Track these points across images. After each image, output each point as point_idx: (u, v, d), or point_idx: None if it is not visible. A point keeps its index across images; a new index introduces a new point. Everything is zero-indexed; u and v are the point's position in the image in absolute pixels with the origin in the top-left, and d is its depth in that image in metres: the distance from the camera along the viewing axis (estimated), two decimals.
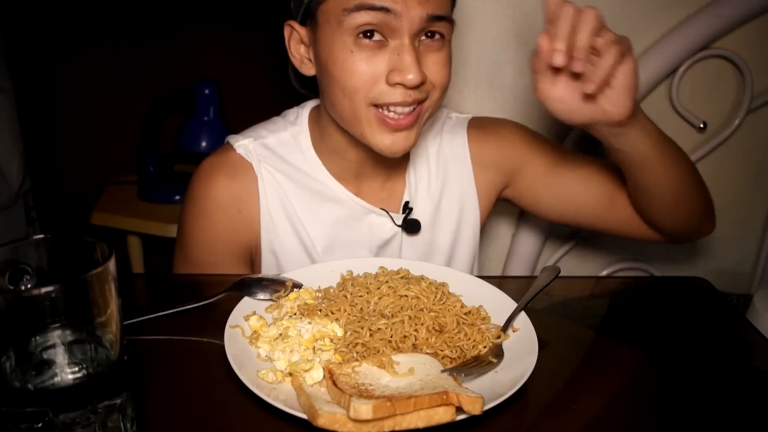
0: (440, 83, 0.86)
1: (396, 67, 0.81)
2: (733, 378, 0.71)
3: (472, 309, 0.76)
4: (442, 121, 1.06)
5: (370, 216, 0.99)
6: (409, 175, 1.02)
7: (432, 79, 0.85)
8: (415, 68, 0.81)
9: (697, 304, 0.89)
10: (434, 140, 1.04)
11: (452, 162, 1.04)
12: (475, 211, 1.05)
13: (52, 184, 2.37)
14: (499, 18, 1.22)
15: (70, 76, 2.29)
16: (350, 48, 0.82)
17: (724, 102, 1.30)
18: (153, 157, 2.02)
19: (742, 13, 1.20)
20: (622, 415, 0.64)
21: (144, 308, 0.78)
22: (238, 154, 0.96)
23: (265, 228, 0.97)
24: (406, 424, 0.57)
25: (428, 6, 0.80)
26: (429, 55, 0.84)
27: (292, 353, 0.67)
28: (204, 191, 0.96)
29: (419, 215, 1.01)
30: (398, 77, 0.81)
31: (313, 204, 0.97)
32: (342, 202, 0.98)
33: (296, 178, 0.97)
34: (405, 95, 0.83)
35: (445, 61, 0.86)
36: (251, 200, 0.96)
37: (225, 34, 2.23)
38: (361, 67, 0.82)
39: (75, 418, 0.49)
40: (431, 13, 0.81)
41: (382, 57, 0.82)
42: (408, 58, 0.81)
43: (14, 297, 0.49)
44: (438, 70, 0.85)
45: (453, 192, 1.04)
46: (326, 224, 0.98)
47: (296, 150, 0.98)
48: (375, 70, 0.82)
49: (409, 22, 0.80)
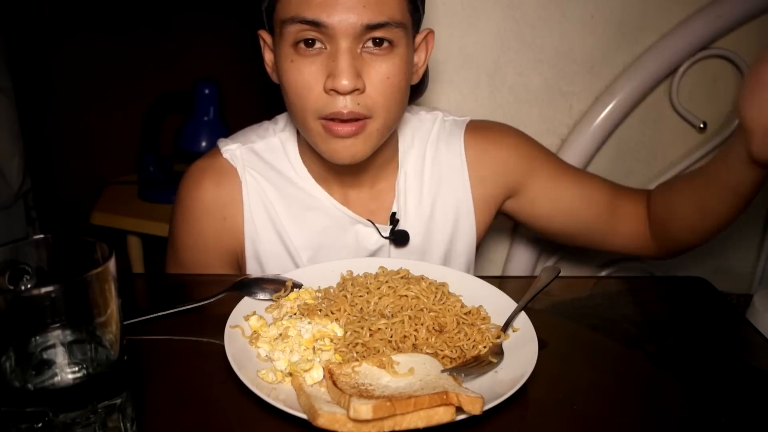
0: (381, 97, 0.81)
1: (331, 73, 0.79)
2: (733, 378, 0.71)
3: (472, 309, 0.76)
4: (436, 126, 1.01)
5: (356, 226, 0.96)
6: (398, 185, 0.98)
7: (371, 92, 0.80)
8: (348, 73, 0.77)
9: (697, 304, 0.89)
10: (427, 147, 1.00)
11: (447, 171, 1.00)
12: (470, 224, 1.01)
13: (52, 184, 2.37)
14: (499, 18, 1.22)
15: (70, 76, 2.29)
16: (290, 58, 0.81)
17: (724, 102, 1.30)
18: (153, 157, 2.02)
19: (742, 13, 1.20)
20: (622, 415, 0.64)
21: (144, 308, 0.78)
22: (225, 158, 0.95)
23: (249, 235, 0.95)
24: (406, 424, 0.57)
25: (364, 15, 0.77)
26: (372, 65, 0.80)
27: (292, 353, 0.67)
28: (191, 196, 0.96)
29: (409, 226, 0.97)
30: (331, 83, 0.78)
31: (298, 212, 0.96)
32: (328, 211, 0.95)
33: (281, 186, 0.96)
34: (343, 105, 0.79)
35: (390, 71, 0.81)
36: (235, 207, 0.95)
37: (225, 34, 2.22)
38: (300, 77, 0.81)
39: (75, 418, 0.49)
40: (368, 22, 0.77)
41: (320, 64, 0.80)
42: (342, 63, 0.78)
43: (14, 297, 0.49)
44: (380, 82, 0.81)
45: (447, 203, 0.99)
46: (311, 233, 0.96)
47: (283, 157, 0.96)
48: (313, 78, 0.80)
49: (344, 31, 0.77)
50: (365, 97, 0.81)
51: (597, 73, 1.27)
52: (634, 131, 1.31)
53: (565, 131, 1.30)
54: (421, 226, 0.98)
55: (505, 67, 1.26)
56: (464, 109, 1.28)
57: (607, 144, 1.30)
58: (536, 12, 1.22)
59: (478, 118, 1.06)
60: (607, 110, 1.24)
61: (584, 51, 1.25)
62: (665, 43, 1.21)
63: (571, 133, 1.28)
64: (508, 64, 1.26)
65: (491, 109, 1.29)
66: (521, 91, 1.28)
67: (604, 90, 1.27)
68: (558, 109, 1.29)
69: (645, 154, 1.34)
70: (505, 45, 1.24)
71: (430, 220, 0.99)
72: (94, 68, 2.27)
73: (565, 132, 1.30)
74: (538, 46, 1.24)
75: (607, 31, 1.24)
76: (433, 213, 0.99)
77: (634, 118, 1.30)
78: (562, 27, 1.23)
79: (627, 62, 1.26)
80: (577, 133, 1.27)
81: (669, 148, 1.34)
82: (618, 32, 1.24)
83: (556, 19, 1.22)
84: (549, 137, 1.30)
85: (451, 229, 1.00)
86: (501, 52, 1.25)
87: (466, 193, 1.00)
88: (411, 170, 0.99)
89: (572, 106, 1.29)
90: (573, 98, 1.28)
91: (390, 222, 0.97)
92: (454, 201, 1.00)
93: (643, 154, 1.34)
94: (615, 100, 1.24)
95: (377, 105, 0.82)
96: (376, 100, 0.81)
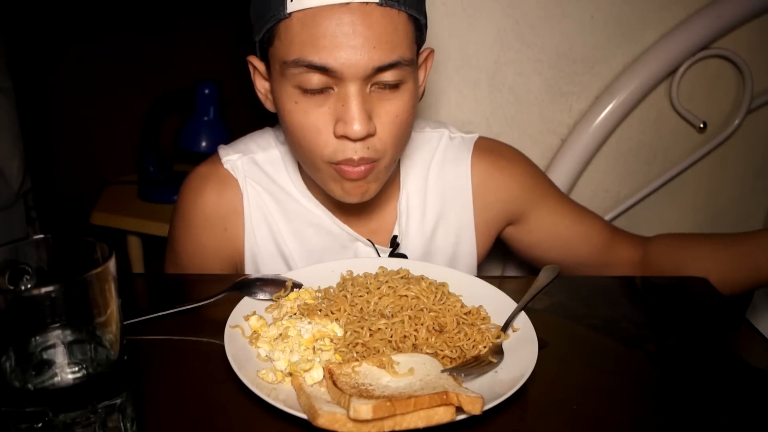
0: (393, 137, 0.79)
1: (341, 118, 0.75)
2: (733, 378, 0.71)
3: (472, 309, 0.76)
4: (443, 144, 0.98)
5: (356, 243, 0.94)
6: (400, 206, 0.96)
7: (381, 134, 0.78)
8: (360, 119, 0.74)
9: (697, 304, 0.89)
10: (431, 166, 0.97)
11: (451, 193, 0.97)
12: (471, 248, 0.99)
13: (52, 184, 2.37)
14: (499, 18, 1.22)
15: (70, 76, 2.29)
16: (294, 99, 0.77)
17: (724, 102, 1.30)
18: (153, 157, 2.02)
19: (742, 13, 1.20)
20: (622, 415, 0.64)
21: (144, 308, 0.78)
22: (226, 169, 0.94)
23: (249, 248, 0.94)
24: (406, 424, 0.57)
25: (375, 56, 0.73)
26: (381, 105, 0.77)
27: (292, 353, 0.67)
28: (193, 203, 0.95)
29: (410, 248, 0.96)
30: (342, 129, 0.75)
31: (298, 227, 0.94)
32: (328, 228, 0.94)
33: (282, 199, 0.94)
34: (353, 151, 0.77)
35: (400, 110, 0.78)
36: (237, 218, 0.94)
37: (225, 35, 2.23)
38: (307, 120, 0.77)
39: (75, 418, 0.49)
40: (378, 64, 0.73)
41: (328, 107, 0.76)
42: (353, 109, 0.74)
43: (14, 297, 0.49)
44: (390, 122, 0.78)
45: (449, 225, 0.98)
46: (311, 248, 0.94)
47: (283, 171, 0.95)
48: (322, 122, 0.77)
49: (353, 76, 0.73)
50: (375, 140, 0.78)
51: (597, 73, 1.27)
52: (634, 131, 1.31)
53: (565, 131, 1.30)
54: (422, 247, 0.97)
55: (505, 67, 1.26)
56: (464, 109, 1.28)
57: (607, 144, 1.30)
58: (536, 12, 1.22)
59: (479, 118, 1.05)
60: (607, 110, 1.24)
61: (584, 51, 1.25)
62: (665, 43, 1.22)
63: (571, 133, 1.28)
64: (508, 64, 1.25)
65: (491, 109, 1.29)
66: (521, 91, 1.28)
67: (604, 90, 1.27)
68: (558, 109, 1.29)
69: (645, 154, 1.34)
70: (505, 45, 1.24)
71: (431, 241, 0.98)
72: (94, 68, 2.27)
73: (565, 132, 1.30)
74: (538, 46, 1.24)
75: (607, 31, 1.24)
76: (434, 235, 0.98)
77: (634, 118, 1.30)
78: (562, 27, 1.23)
79: (627, 62, 1.26)
80: (577, 133, 1.27)
81: (669, 148, 1.34)
82: (618, 32, 1.24)
83: (556, 19, 1.22)
84: (549, 137, 1.30)
85: (452, 251, 0.99)
86: (501, 52, 1.25)
87: (468, 217, 0.99)
88: (413, 190, 0.97)
89: (572, 106, 1.29)
90: (573, 98, 1.28)
91: (390, 245, 0.95)
92: (456, 223, 0.98)
93: (643, 154, 1.34)
94: (615, 100, 1.24)
95: (386, 146, 0.80)
96: (385, 142, 0.79)
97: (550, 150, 1.32)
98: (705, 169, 1.33)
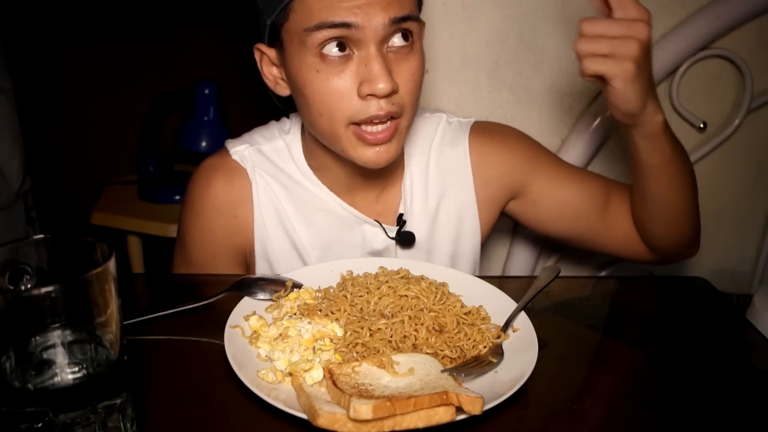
0: (411, 95, 0.83)
1: (365, 78, 0.79)
2: (733, 378, 0.71)
3: (472, 309, 0.76)
4: (441, 128, 1.02)
5: (363, 226, 0.97)
6: (404, 186, 0.99)
7: (402, 90, 0.82)
8: (384, 76, 0.78)
9: (697, 304, 0.89)
10: (432, 148, 1.01)
11: (451, 173, 1.01)
12: (475, 225, 1.02)
13: (52, 184, 2.37)
14: (499, 18, 1.22)
15: (70, 76, 2.29)
16: (316, 68, 0.80)
17: (724, 102, 1.30)
18: (153, 157, 2.02)
19: (742, 13, 1.20)
20: (622, 415, 0.64)
21: (144, 308, 0.78)
22: (234, 159, 0.96)
23: (258, 235, 0.96)
24: (406, 424, 0.57)
25: (390, 9, 0.78)
26: (399, 64, 0.81)
27: (292, 353, 0.67)
28: (202, 193, 0.96)
29: (415, 227, 0.98)
30: (368, 88, 0.79)
31: (306, 212, 0.97)
32: (335, 212, 0.96)
33: (290, 186, 0.97)
34: (378, 108, 0.80)
35: (415, 68, 0.83)
36: (246, 206, 0.96)
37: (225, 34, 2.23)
38: (329, 86, 0.80)
39: (75, 418, 0.49)
40: (394, 16, 0.78)
41: (350, 71, 0.80)
42: (376, 67, 0.78)
43: (14, 297, 0.49)
44: (408, 80, 0.82)
45: (451, 204, 1.01)
46: (320, 232, 0.97)
47: (289, 159, 0.97)
48: (344, 86, 0.80)
49: (373, 30, 0.78)
50: (397, 96, 0.82)
51: None
52: None
53: (565, 131, 1.30)
54: (427, 226, 1.00)
55: (505, 67, 1.26)
56: (464, 109, 1.28)
57: (607, 144, 1.30)
58: (536, 12, 1.22)
59: (479, 118, 1.06)
60: (607, 110, 1.24)
61: None
62: (665, 42, 1.21)
63: (571, 133, 1.28)
64: (508, 64, 1.25)
65: (491, 109, 1.29)
66: (521, 91, 1.28)
67: None
68: (558, 109, 1.29)
69: None
70: (505, 45, 1.24)
71: (434, 220, 1.00)
72: (94, 68, 2.27)
73: (565, 132, 1.30)
74: (538, 46, 1.24)
75: None
76: (437, 213, 1.00)
77: None
78: (562, 27, 1.23)
79: None
80: (577, 133, 1.27)
81: None
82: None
83: (556, 19, 1.22)
84: (549, 137, 1.30)
85: (455, 230, 1.01)
86: (501, 52, 1.25)
87: (470, 195, 1.01)
88: (416, 172, 1.00)
89: (572, 106, 1.29)
90: (573, 98, 1.28)
91: (397, 223, 0.98)
92: (458, 202, 1.01)
93: None
94: None
95: (406, 103, 0.83)
96: (405, 99, 0.83)
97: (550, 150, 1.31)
98: (705, 169, 1.33)
